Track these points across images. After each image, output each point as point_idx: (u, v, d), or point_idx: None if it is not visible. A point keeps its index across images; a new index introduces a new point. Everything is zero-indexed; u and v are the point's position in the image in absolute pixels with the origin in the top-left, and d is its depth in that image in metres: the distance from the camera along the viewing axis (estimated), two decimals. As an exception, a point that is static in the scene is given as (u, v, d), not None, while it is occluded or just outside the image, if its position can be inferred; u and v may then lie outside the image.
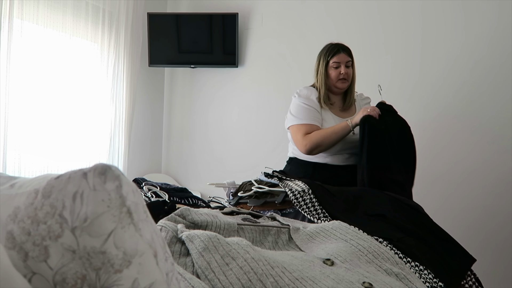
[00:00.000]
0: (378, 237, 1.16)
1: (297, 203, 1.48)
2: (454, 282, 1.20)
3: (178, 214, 1.07)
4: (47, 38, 2.71)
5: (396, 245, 1.15)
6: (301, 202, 1.47)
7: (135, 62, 3.27)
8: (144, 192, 1.67)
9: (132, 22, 3.21)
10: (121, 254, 0.46)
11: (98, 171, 0.48)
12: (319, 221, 1.39)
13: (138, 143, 3.53)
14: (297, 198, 1.49)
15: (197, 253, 0.84)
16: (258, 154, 3.28)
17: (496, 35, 2.49)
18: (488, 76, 2.50)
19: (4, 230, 0.49)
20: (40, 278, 0.46)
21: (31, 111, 2.62)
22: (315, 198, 1.46)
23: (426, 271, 1.10)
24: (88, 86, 3.00)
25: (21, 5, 2.51)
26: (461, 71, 2.56)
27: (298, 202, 1.48)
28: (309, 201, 1.46)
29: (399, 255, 1.13)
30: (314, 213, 1.43)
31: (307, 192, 1.48)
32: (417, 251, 1.17)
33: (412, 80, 2.70)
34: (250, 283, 0.78)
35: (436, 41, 2.66)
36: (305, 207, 1.45)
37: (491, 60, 2.50)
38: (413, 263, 1.12)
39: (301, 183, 1.55)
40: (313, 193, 1.48)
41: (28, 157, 2.61)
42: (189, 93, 3.71)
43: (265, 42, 3.34)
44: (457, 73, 2.57)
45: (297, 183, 1.56)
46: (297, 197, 1.49)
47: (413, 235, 1.28)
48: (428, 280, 1.08)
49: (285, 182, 1.61)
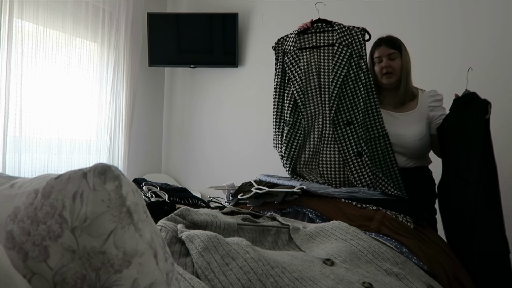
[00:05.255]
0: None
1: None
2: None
3: (178, 214, 1.07)
4: (47, 38, 2.71)
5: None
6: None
7: (135, 62, 3.27)
8: (144, 192, 1.67)
9: (132, 22, 3.21)
10: (121, 254, 0.46)
11: (98, 171, 0.48)
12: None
13: (138, 143, 3.53)
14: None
15: (197, 253, 0.84)
16: (258, 154, 3.28)
17: (495, 36, 2.49)
18: (488, 77, 2.50)
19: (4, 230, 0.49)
20: (40, 278, 0.46)
21: (31, 111, 2.61)
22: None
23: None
24: (88, 86, 3.00)
25: (21, 5, 2.51)
26: (462, 71, 2.56)
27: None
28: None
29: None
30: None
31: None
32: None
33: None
34: (250, 283, 0.78)
35: (436, 41, 2.66)
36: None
37: (492, 60, 2.50)
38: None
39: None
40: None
41: (28, 157, 2.61)
42: (189, 93, 3.71)
43: (265, 42, 3.33)
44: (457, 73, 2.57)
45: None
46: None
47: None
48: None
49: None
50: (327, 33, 1.86)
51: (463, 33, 2.59)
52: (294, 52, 1.87)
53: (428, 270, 1.20)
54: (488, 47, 2.51)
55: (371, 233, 1.31)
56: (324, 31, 1.87)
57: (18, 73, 2.50)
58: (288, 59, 1.88)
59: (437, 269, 1.26)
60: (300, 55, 1.88)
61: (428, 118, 1.81)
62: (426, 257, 1.27)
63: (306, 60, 1.87)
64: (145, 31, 3.42)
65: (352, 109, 1.77)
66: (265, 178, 1.80)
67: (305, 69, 1.86)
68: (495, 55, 2.49)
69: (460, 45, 2.60)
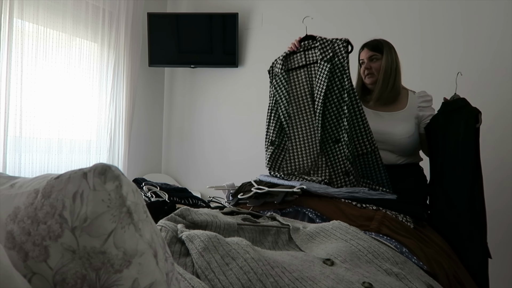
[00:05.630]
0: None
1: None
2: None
3: (178, 214, 1.07)
4: (47, 38, 2.71)
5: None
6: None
7: (135, 62, 3.27)
8: (144, 192, 1.67)
9: (132, 22, 3.22)
10: (121, 254, 0.46)
11: (98, 171, 0.48)
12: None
13: (138, 143, 3.53)
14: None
15: (197, 253, 0.84)
16: (258, 154, 3.28)
17: (496, 37, 2.49)
18: (488, 76, 2.50)
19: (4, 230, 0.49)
20: (40, 278, 0.46)
21: (31, 111, 2.61)
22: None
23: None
24: (88, 86, 3.00)
25: (21, 5, 2.51)
26: (463, 71, 2.56)
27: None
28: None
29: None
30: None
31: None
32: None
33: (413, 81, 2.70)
34: (250, 283, 0.78)
35: (436, 42, 2.66)
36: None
37: (492, 60, 2.50)
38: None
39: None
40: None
41: (28, 157, 2.61)
42: (189, 93, 3.71)
43: (265, 42, 3.34)
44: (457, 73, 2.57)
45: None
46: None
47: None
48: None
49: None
50: (313, 50, 1.88)
51: (463, 33, 2.59)
52: (281, 74, 1.91)
53: (428, 270, 1.20)
54: (488, 47, 2.51)
55: (371, 233, 1.31)
56: (311, 48, 1.89)
57: (18, 73, 2.50)
58: (276, 81, 1.93)
59: (437, 269, 1.26)
60: (290, 76, 1.91)
61: (417, 118, 1.86)
62: (426, 257, 1.27)
63: (298, 80, 1.90)
64: (145, 31, 3.42)
65: (338, 127, 1.75)
66: (265, 178, 1.80)
67: (296, 90, 1.89)
68: (495, 55, 2.49)
69: (460, 45, 2.60)
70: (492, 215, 1.68)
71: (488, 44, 2.51)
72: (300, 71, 1.90)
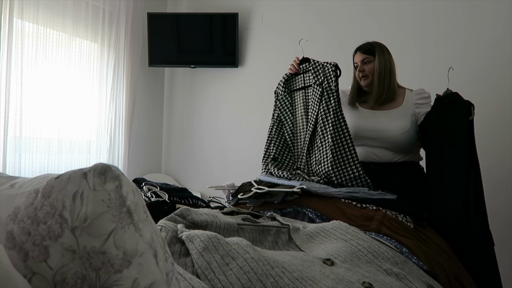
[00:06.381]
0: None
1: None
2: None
3: (178, 214, 1.07)
4: (47, 38, 2.71)
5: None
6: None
7: (135, 62, 3.27)
8: (144, 192, 1.67)
9: (132, 22, 3.21)
10: (121, 254, 0.46)
11: (98, 171, 0.48)
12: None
13: (138, 143, 3.53)
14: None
15: (197, 253, 0.84)
16: (258, 154, 3.27)
17: (496, 37, 2.49)
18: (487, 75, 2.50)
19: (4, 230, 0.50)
20: (40, 278, 0.46)
21: (31, 111, 2.61)
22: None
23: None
24: (88, 86, 3.00)
25: (21, 5, 2.51)
26: (463, 71, 2.56)
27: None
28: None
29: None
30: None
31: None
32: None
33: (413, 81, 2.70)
34: (250, 283, 0.78)
35: (436, 42, 2.66)
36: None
37: (493, 61, 2.50)
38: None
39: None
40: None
41: (28, 157, 2.61)
42: (189, 93, 3.71)
43: (265, 42, 3.34)
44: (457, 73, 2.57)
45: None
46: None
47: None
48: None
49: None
50: (309, 73, 1.92)
51: (464, 33, 2.59)
52: (284, 95, 1.97)
53: (428, 270, 1.20)
54: (488, 47, 2.51)
55: (371, 233, 1.31)
56: (307, 71, 1.93)
57: (18, 73, 2.50)
58: (279, 102, 1.98)
59: (437, 269, 1.26)
60: (292, 97, 1.97)
61: (414, 115, 1.87)
62: (426, 257, 1.27)
63: (297, 102, 1.95)
64: (145, 31, 3.42)
65: (322, 151, 1.74)
66: (265, 178, 1.80)
67: (296, 111, 1.94)
68: (494, 55, 2.49)
69: (460, 45, 2.60)
70: (489, 213, 1.68)
71: (488, 44, 2.51)
72: (299, 93, 1.96)
